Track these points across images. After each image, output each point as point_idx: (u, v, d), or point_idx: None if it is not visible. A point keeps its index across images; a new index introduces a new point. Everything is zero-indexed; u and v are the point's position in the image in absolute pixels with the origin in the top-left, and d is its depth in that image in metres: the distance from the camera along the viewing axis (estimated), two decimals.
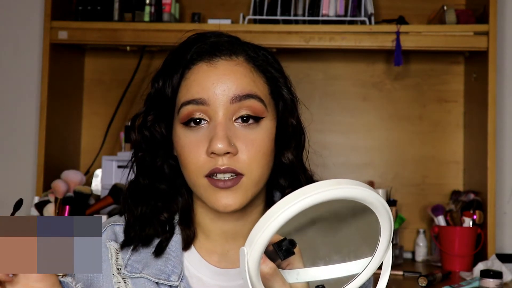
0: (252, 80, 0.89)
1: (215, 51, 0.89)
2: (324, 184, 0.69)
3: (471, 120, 2.29)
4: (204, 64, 0.89)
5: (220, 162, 0.85)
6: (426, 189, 2.37)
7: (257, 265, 0.70)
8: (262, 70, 0.91)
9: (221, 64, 0.88)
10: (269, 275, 0.72)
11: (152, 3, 2.19)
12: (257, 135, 0.87)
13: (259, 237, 0.69)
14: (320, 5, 2.15)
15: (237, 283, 0.93)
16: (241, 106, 0.87)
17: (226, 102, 0.86)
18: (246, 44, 0.94)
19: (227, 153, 0.85)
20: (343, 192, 0.69)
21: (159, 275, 0.91)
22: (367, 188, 0.71)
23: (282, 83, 0.93)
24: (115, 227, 0.96)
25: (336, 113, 2.41)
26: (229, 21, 2.17)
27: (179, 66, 0.90)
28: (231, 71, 0.88)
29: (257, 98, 0.88)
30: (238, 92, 0.87)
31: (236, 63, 0.89)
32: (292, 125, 0.93)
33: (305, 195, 0.68)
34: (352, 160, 2.38)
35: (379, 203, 0.72)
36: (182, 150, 0.88)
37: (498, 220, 2.17)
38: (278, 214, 0.68)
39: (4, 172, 2.39)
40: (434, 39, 2.12)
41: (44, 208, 2.00)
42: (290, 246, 0.72)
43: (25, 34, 2.40)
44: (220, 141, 0.84)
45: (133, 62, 2.33)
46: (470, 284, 1.83)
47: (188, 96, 0.88)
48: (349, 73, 2.42)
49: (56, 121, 2.25)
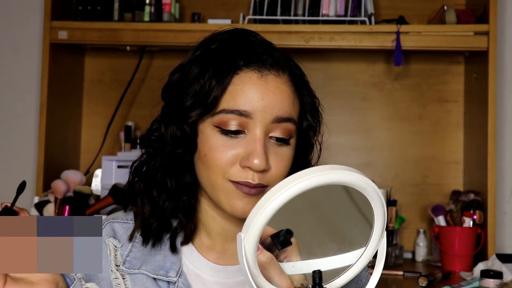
0: (292, 103, 0.90)
1: (266, 63, 0.88)
2: (318, 168, 0.70)
3: (471, 120, 2.29)
4: (255, 75, 0.87)
5: (251, 177, 0.86)
6: (426, 189, 2.37)
7: (254, 250, 0.71)
8: (299, 93, 0.92)
9: (271, 79, 0.88)
10: (266, 264, 0.72)
11: (152, 3, 2.19)
12: (286, 152, 0.89)
13: (255, 221, 0.70)
14: (320, 5, 2.15)
15: (236, 280, 0.93)
16: (279, 127, 0.88)
17: (268, 120, 0.87)
18: (287, 59, 0.93)
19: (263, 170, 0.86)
20: (337, 177, 0.70)
21: (158, 271, 0.91)
22: (359, 173, 0.72)
23: (308, 110, 0.95)
24: (114, 224, 0.97)
25: (336, 113, 2.41)
26: (229, 21, 2.17)
27: (230, 67, 0.87)
28: (279, 90, 0.88)
29: (293, 122, 0.89)
30: (281, 113, 0.87)
31: (283, 81, 0.89)
32: (311, 146, 0.97)
33: (300, 179, 0.69)
34: (352, 160, 2.38)
35: (372, 189, 0.73)
36: (211, 150, 0.87)
37: (498, 220, 2.17)
38: (274, 198, 0.69)
39: (4, 172, 2.39)
40: (434, 39, 2.12)
41: (44, 208, 2.00)
42: (287, 236, 0.72)
43: (25, 34, 2.40)
44: (259, 158, 0.85)
45: (133, 62, 2.33)
46: (470, 284, 1.83)
47: (233, 104, 0.86)
48: (349, 73, 2.42)
49: (56, 121, 2.25)
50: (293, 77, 0.91)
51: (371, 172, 2.36)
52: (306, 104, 0.94)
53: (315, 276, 0.71)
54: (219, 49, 0.90)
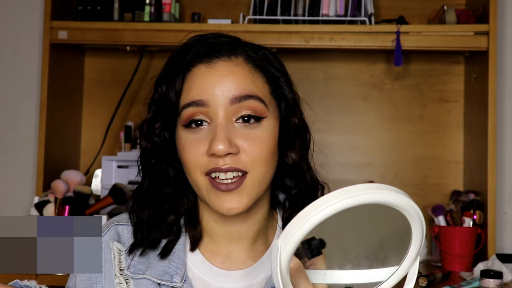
0: (251, 81, 0.89)
1: (214, 52, 0.89)
2: (366, 187, 0.69)
3: (471, 120, 2.29)
4: (203, 66, 0.89)
5: (222, 162, 0.85)
6: (426, 189, 2.37)
7: (289, 260, 0.70)
8: (262, 70, 0.91)
9: (220, 65, 0.88)
10: (294, 271, 0.71)
11: (152, 3, 2.19)
12: (259, 133, 0.87)
13: (295, 232, 0.68)
14: (320, 5, 2.15)
15: (240, 285, 0.93)
16: (241, 107, 0.87)
17: (225, 103, 0.86)
18: (246, 44, 0.94)
19: (228, 153, 0.85)
20: (384, 197, 0.69)
21: (162, 276, 0.90)
22: (406, 196, 0.71)
23: (283, 83, 0.93)
24: (119, 227, 0.96)
25: (336, 113, 2.41)
26: (229, 21, 2.17)
27: (180, 69, 0.90)
28: (230, 72, 0.88)
29: (257, 99, 0.88)
30: (237, 93, 0.87)
31: (235, 63, 0.89)
32: (294, 125, 0.93)
33: (347, 196, 0.68)
34: (352, 160, 2.38)
35: (415, 213, 0.72)
36: (183, 150, 0.88)
37: (498, 220, 2.17)
38: (318, 211, 0.68)
39: (4, 172, 2.39)
40: (434, 39, 2.12)
41: (44, 208, 2.00)
42: (320, 246, 0.72)
43: (25, 34, 2.40)
44: (220, 142, 0.84)
45: (133, 62, 2.33)
46: (470, 284, 1.83)
47: (188, 98, 0.88)
48: (349, 73, 2.42)
49: (56, 121, 2.25)
50: (251, 60, 0.90)
51: (371, 172, 2.36)
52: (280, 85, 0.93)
53: None
54: (171, 59, 0.93)
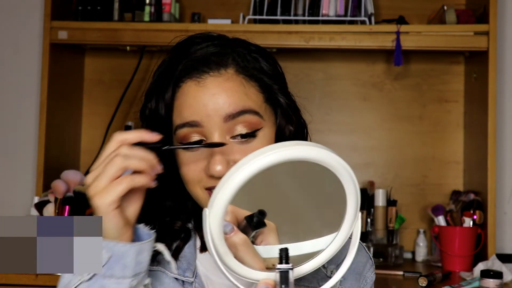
0: (244, 94, 0.87)
1: (203, 67, 0.87)
2: (283, 144, 0.69)
3: (471, 120, 2.29)
4: (193, 83, 0.87)
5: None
6: (426, 189, 2.37)
7: (220, 226, 0.71)
8: (255, 79, 0.89)
9: (210, 81, 0.86)
10: (239, 245, 0.73)
11: (152, 3, 2.19)
12: (256, 145, 0.86)
13: (218, 196, 0.70)
14: (320, 5, 2.15)
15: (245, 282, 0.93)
16: (236, 123, 0.86)
17: (219, 122, 0.85)
18: (234, 48, 0.91)
19: None
20: (303, 152, 0.69)
21: (175, 270, 0.91)
22: (328, 150, 0.70)
23: (277, 89, 0.92)
24: None
25: (336, 113, 2.41)
26: (229, 21, 2.17)
27: (169, 84, 0.89)
28: (222, 89, 0.86)
29: (251, 112, 0.86)
30: (231, 110, 0.85)
31: (226, 78, 0.87)
32: (290, 131, 0.92)
33: (263, 154, 0.68)
34: (352, 160, 2.36)
35: (341, 167, 0.71)
36: (182, 166, 0.89)
37: (498, 220, 2.17)
38: (237, 172, 0.69)
39: (4, 172, 2.39)
40: (434, 39, 2.12)
41: (44, 208, 2.00)
42: (260, 216, 0.73)
43: (25, 34, 2.40)
44: (218, 164, 0.84)
45: (133, 62, 2.33)
46: (470, 284, 1.83)
47: (182, 119, 0.87)
48: (349, 73, 2.42)
49: (56, 121, 2.24)
50: (241, 68, 0.89)
51: (371, 172, 2.36)
52: (273, 91, 0.91)
53: (281, 254, 0.70)
54: (159, 72, 0.93)
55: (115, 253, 0.77)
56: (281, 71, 0.96)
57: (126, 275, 0.78)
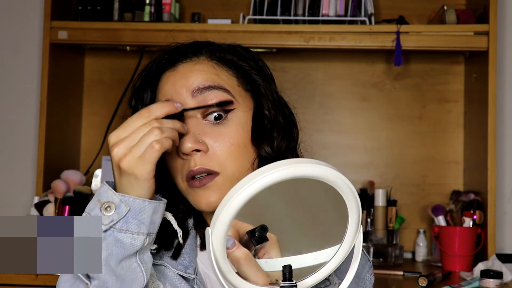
0: (214, 74, 0.89)
1: (177, 57, 0.91)
2: (284, 162, 0.69)
3: (471, 120, 2.29)
4: (168, 72, 0.91)
5: (193, 163, 0.86)
6: (426, 189, 2.37)
7: (223, 245, 0.71)
8: (228, 64, 0.91)
9: (180, 67, 0.90)
10: (242, 260, 0.73)
11: (152, 3, 2.19)
12: (227, 128, 0.87)
13: (221, 216, 0.69)
14: (320, 5, 2.15)
15: None
16: (205, 99, 0.87)
17: (189, 96, 0.87)
18: (214, 44, 0.94)
19: (197, 151, 0.85)
20: (303, 170, 0.69)
21: (177, 266, 0.91)
22: (329, 167, 0.70)
23: (254, 74, 0.93)
24: None
25: (336, 113, 2.41)
26: (229, 21, 2.17)
27: (148, 82, 0.93)
28: (191, 70, 0.89)
29: (220, 89, 0.88)
30: (199, 84, 0.87)
31: (196, 62, 0.90)
32: (267, 117, 0.92)
33: (265, 173, 0.68)
34: (352, 160, 2.38)
35: (343, 183, 0.71)
36: (166, 157, 0.89)
37: (498, 220, 2.17)
38: (239, 192, 0.69)
39: (4, 172, 2.39)
40: (434, 39, 2.12)
41: (44, 208, 2.00)
42: (262, 231, 0.73)
43: (25, 34, 2.40)
44: (186, 140, 0.85)
45: (133, 62, 2.33)
46: (470, 284, 1.83)
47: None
48: (349, 73, 2.42)
49: (56, 121, 2.24)
50: (213, 55, 0.91)
51: (371, 172, 2.36)
52: (252, 78, 0.92)
53: (285, 271, 0.70)
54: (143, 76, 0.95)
55: (134, 207, 0.79)
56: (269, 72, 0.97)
57: (140, 231, 0.80)
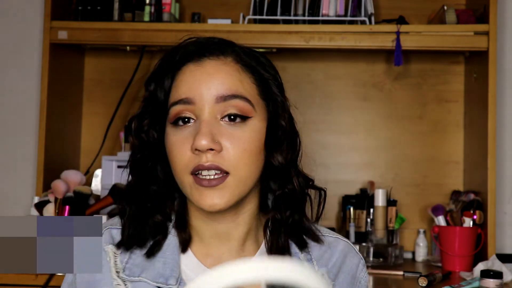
0: (238, 80, 0.89)
1: (204, 51, 0.90)
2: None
3: (471, 120, 2.29)
4: (192, 65, 0.90)
5: (204, 159, 0.85)
6: (426, 189, 2.37)
7: None
8: (251, 71, 0.91)
9: (207, 63, 0.89)
10: None
11: (152, 3, 2.19)
12: (243, 133, 0.87)
13: None
14: (320, 5, 2.15)
15: None
16: (227, 106, 0.87)
17: (211, 101, 0.87)
18: (238, 46, 0.94)
19: (211, 149, 0.85)
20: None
21: (157, 279, 0.89)
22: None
23: (273, 84, 0.93)
24: (112, 231, 0.94)
25: (336, 113, 2.41)
26: (229, 21, 2.17)
27: (169, 68, 0.92)
28: (217, 70, 0.89)
29: (243, 98, 0.88)
30: (223, 91, 0.87)
31: (224, 62, 0.90)
32: (282, 127, 0.92)
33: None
34: (352, 160, 2.38)
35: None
36: (170, 148, 0.89)
37: (498, 220, 2.17)
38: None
39: (4, 172, 2.39)
40: (434, 39, 2.12)
41: (44, 208, 2.00)
42: None
43: (25, 34, 2.40)
44: (203, 137, 0.84)
45: (133, 62, 2.33)
46: (470, 284, 1.83)
47: (176, 96, 0.89)
48: (349, 73, 2.42)
49: (56, 121, 2.25)
50: (239, 58, 0.91)
51: (371, 172, 2.37)
52: (269, 87, 0.93)
53: None
54: (161, 60, 0.95)
55: None
56: (280, 80, 0.97)
57: None
